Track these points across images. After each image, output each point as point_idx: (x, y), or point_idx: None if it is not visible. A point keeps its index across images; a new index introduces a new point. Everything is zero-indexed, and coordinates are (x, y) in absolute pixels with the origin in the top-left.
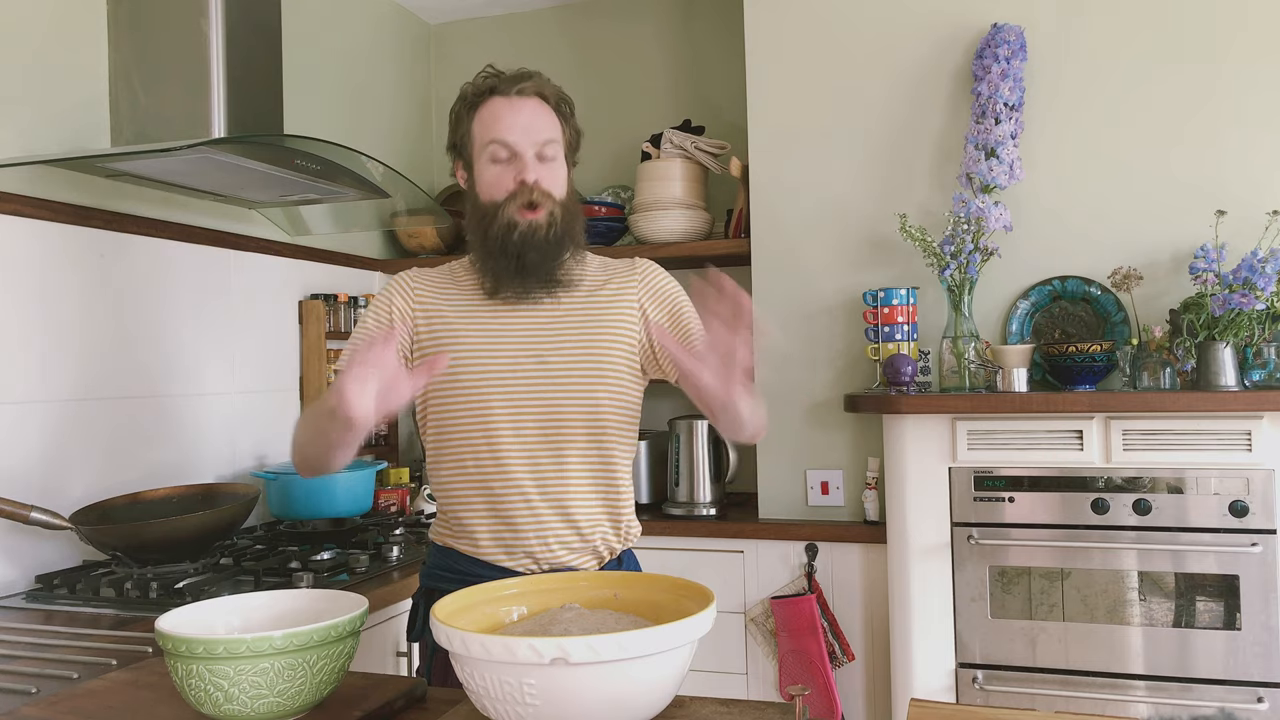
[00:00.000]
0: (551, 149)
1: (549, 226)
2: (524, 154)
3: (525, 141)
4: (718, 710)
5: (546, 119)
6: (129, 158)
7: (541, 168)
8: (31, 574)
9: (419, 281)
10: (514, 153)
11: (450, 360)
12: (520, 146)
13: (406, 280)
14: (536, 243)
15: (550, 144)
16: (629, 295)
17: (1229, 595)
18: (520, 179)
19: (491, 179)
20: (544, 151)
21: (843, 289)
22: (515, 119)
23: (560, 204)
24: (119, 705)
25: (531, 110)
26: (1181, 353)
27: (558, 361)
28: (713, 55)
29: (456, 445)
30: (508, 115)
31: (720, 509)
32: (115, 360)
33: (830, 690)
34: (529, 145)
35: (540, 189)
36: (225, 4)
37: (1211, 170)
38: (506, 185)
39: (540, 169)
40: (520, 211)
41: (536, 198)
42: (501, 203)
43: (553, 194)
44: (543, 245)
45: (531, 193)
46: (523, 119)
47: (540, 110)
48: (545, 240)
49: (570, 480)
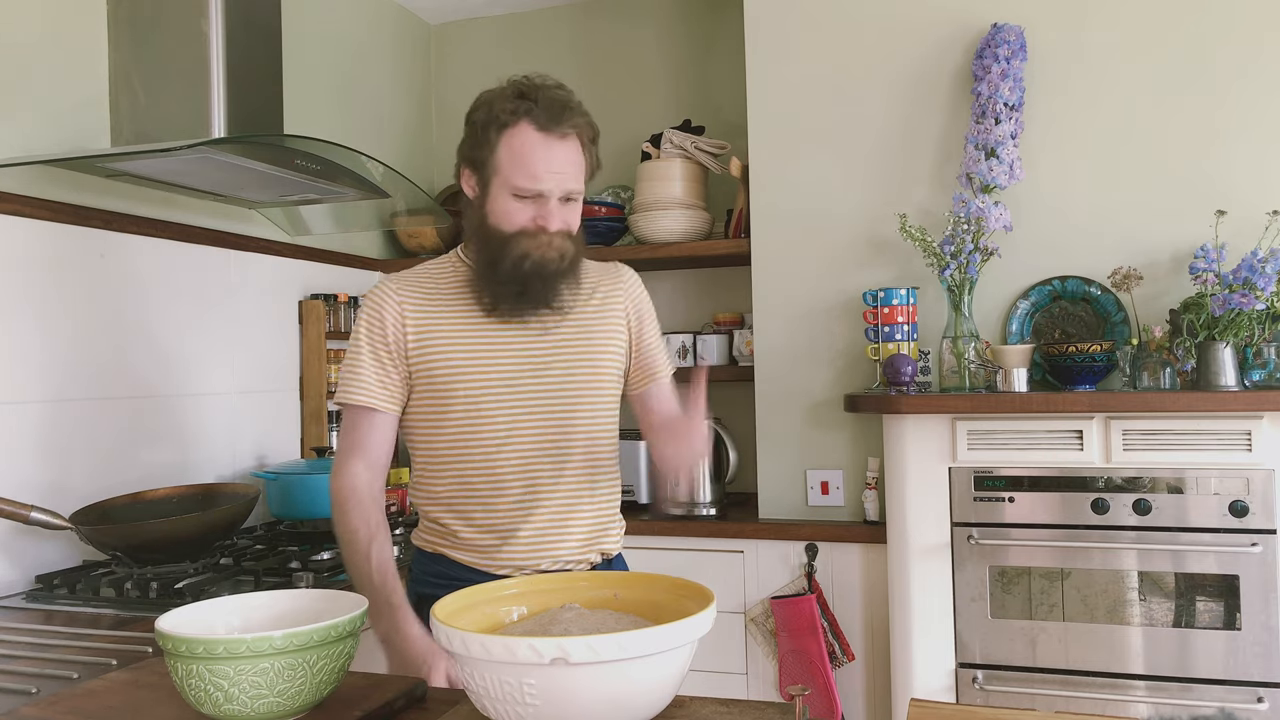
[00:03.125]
0: (576, 194)
1: (560, 259)
2: (550, 198)
3: (556, 189)
4: (718, 710)
5: (578, 162)
6: (129, 158)
7: (563, 209)
8: (31, 574)
9: (403, 293)
10: (541, 197)
11: (445, 371)
12: (549, 192)
13: (390, 293)
14: (546, 275)
15: (577, 191)
16: (617, 306)
17: (1229, 595)
18: (541, 224)
19: (509, 211)
20: (569, 195)
21: (843, 289)
22: (550, 163)
23: (573, 239)
24: (119, 705)
25: (565, 153)
26: (1181, 353)
27: (554, 376)
28: (713, 55)
29: (453, 459)
30: (542, 156)
31: (720, 509)
32: (115, 360)
33: (830, 690)
34: (558, 192)
35: (559, 234)
36: (225, 4)
37: (1211, 170)
38: (523, 221)
39: (562, 210)
40: (535, 247)
41: (556, 241)
42: (514, 235)
43: (569, 232)
44: (550, 277)
45: (552, 239)
46: (556, 164)
47: (574, 152)
48: (554, 272)
49: (566, 491)
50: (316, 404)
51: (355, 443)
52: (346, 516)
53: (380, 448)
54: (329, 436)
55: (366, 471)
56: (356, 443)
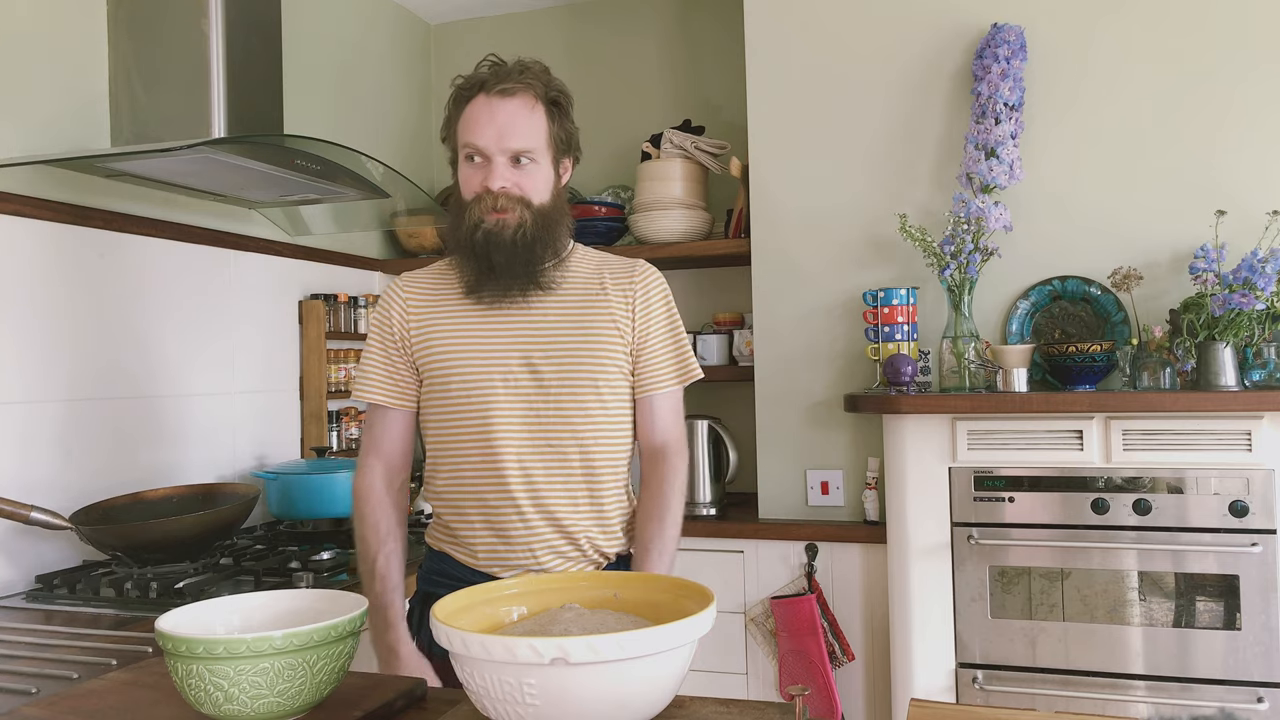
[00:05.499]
0: (528, 154)
1: (517, 228)
2: (493, 159)
3: (496, 147)
4: (718, 710)
5: (526, 121)
6: (129, 158)
7: (514, 173)
8: (31, 574)
9: (410, 289)
10: (485, 156)
11: (442, 361)
12: (490, 151)
13: (398, 289)
14: (501, 244)
15: (526, 150)
16: (623, 299)
17: (1229, 595)
18: (485, 185)
19: (465, 179)
20: (518, 156)
21: (843, 289)
22: (491, 122)
23: (534, 208)
24: (119, 705)
25: (510, 112)
26: (1181, 353)
27: (547, 368)
28: (713, 55)
29: (454, 453)
30: (485, 117)
31: (720, 509)
32: (115, 360)
33: (830, 690)
34: (500, 150)
35: (507, 195)
36: (225, 4)
37: (1211, 170)
38: (475, 187)
39: (513, 174)
40: (486, 213)
41: (502, 204)
42: (469, 203)
43: (526, 198)
44: (508, 247)
45: (496, 200)
46: (498, 123)
47: (521, 111)
48: (512, 243)
49: (557, 486)
50: (316, 404)
51: (370, 440)
52: (359, 523)
53: (394, 443)
54: (329, 436)
55: (383, 468)
56: (372, 440)
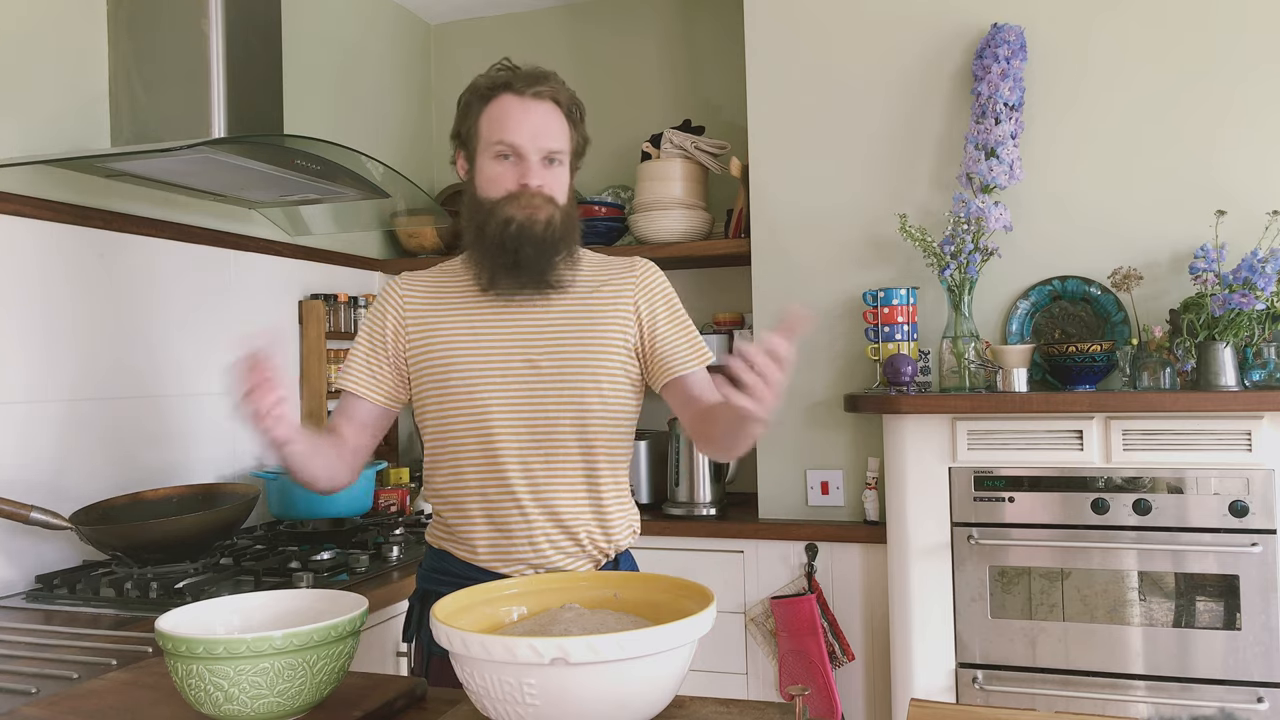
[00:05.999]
0: (558, 155)
1: (547, 225)
2: (529, 157)
3: (532, 146)
4: (718, 710)
5: (557, 124)
6: (129, 158)
7: (545, 173)
8: (31, 574)
9: (408, 287)
10: (519, 155)
11: (443, 357)
12: (526, 150)
13: (396, 287)
14: (533, 238)
15: (557, 151)
16: (625, 297)
17: (1229, 595)
18: (523, 183)
19: (493, 176)
20: (549, 157)
21: (843, 289)
22: (525, 121)
23: (560, 208)
24: (119, 705)
25: (543, 114)
26: (1181, 353)
27: (548, 364)
28: (713, 55)
29: (454, 451)
30: (518, 115)
31: (720, 509)
32: (115, 360)
33: (830, 690)
34: (535, 150)
35: (542, 194)
36: (225, 4)
37: (1211, 170)
38: (507, 185)
39: (544, 174)
40: (520, 209)
41: (538, 202)
42: (500, 200)
43: (554, 198)
44: (539, 242)
45: (533, 198)
46: (532, 122)
47: (551, 115)
48: (541, 237)
49: (558, 483)
50: (316, 404)
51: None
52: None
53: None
54: None
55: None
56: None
